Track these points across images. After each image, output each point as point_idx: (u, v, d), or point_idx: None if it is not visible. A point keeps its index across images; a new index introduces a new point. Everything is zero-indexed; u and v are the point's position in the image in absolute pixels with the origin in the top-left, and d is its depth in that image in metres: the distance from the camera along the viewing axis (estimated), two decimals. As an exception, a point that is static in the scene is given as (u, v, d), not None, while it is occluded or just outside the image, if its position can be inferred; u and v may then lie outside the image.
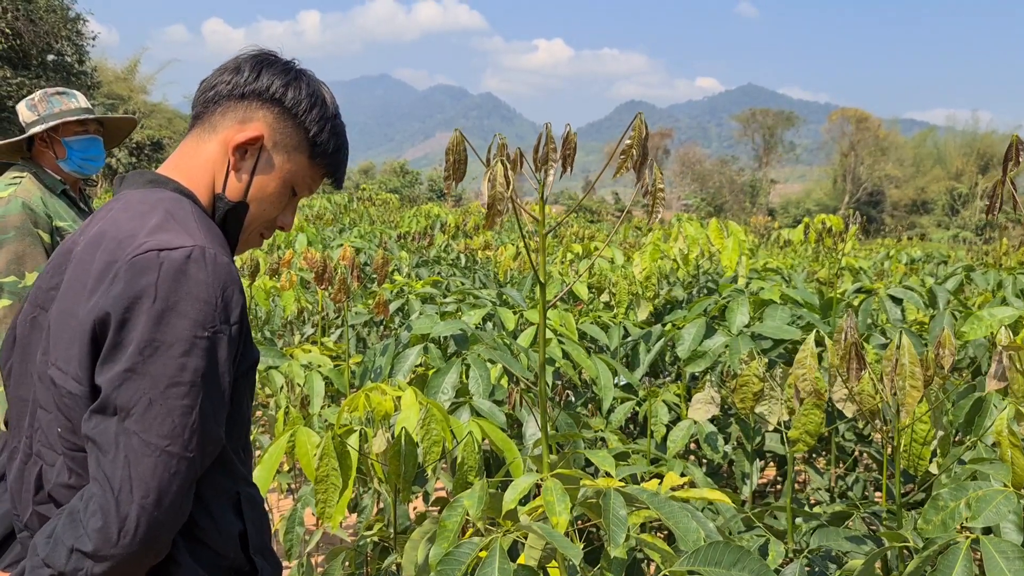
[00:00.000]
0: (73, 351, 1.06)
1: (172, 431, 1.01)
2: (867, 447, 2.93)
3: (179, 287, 1.04)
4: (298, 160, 1.27)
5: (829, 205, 52.52)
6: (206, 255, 1.07)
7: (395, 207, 13.85)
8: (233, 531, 1.16)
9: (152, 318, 1.02)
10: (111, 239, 1.10)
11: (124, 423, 1.00)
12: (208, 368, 1.04)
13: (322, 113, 1.28)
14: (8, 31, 24.32)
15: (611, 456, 1.50)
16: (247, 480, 1.22)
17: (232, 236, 1.27)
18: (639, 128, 1.43)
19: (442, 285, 4.37)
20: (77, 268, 1.12)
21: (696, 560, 1.24)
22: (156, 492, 1.00)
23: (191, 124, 1.28)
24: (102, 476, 1.00)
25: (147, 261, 1.04)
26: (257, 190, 1.25)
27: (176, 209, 1.14)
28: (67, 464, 1.09)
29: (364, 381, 2.80)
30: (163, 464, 1.00)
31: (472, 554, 1.25)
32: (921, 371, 1.50)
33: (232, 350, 1.08)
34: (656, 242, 3.88)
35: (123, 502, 0.98)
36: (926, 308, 3.01)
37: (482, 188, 1.39)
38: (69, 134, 2.79)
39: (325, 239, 7.21)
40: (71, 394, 1.06)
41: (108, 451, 1.00)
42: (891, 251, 7.20)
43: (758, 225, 11.33)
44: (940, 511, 1.23)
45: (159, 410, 1.01)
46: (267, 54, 1.28)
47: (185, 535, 1.10)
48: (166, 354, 1.02)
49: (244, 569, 1.18)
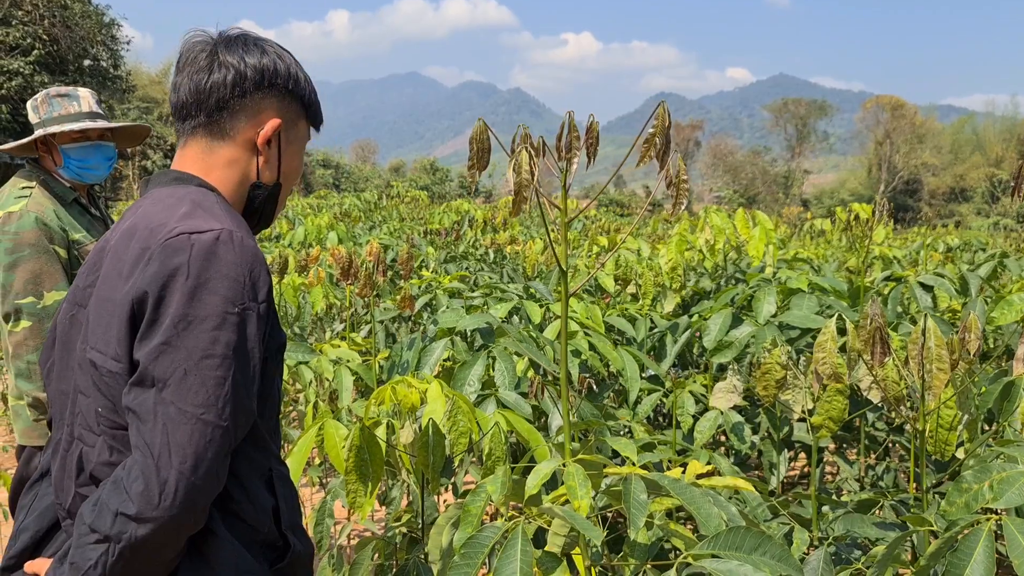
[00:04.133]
0: (112, 332, 1.12)
1: (207, 400, 1.07)
2: (899, 436, 2.90)
3: (210, 266, 1.10)
4: (301, 125, 1.36)
5: (864, 194, 51.71)
6: (233, 237, 1.14)
7: (425, 204, 13.91)
8: (267, 506, 1.21)
9: (185, 294, 1.08)
10: (144, 228, 1.17)
11: (161, 393, 1.06)
12: (239, 342, 1.10)
13: (302, 75, 1.34)
14: (45, 37, 24.88)
15: (632, 444, 1.51)
16: (278, 458, 1.28)
17: (270, 215, 1.37)
18: (662, 117, 1.44)
19: (470, 280, 4.40)
20: (112, 259, 1.18)
21: (717, 545, 1.25)
22: (193, 458, 1.05)
23: (189, 128, 1.29)
24: (142, 444, 1.06)
25: (179, 243, 1.11)
26: (286, 167, 1.35)
27: (202, 199, 1.21)
28: (107, 443, 1.14)
29: (392, 375, 2.83)
30: (199, 431, 1.06)
31: (495, 538, 1.27)
32: (948, 354, 1.49)
33: (261, 327, 1.14)
34: (683, 233, 3.87)
35: (163, 467, 1.04)
36: (958, 295, 2.97)
37: (508, 176, 1.41)
38: (67, 141, 2.63)
39: (355, 237, 7.28)
40: (111, 372, 1.12)
41: (147, 420, 1.06)
42: (927, 239, 7.09)
43: (791, 216, 11.21)
44: (963, 493, 1.22)
45: (194, 380, 1.06)
46: (226, 40, 1.29)
47: (220, 508, 1.15)
48: (199, 328, 1.08)
49: (277, 544, 1.23)
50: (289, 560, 1.24)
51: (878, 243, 5.09)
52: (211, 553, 1.14)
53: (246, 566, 1.16)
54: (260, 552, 1.20)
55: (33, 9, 24.78)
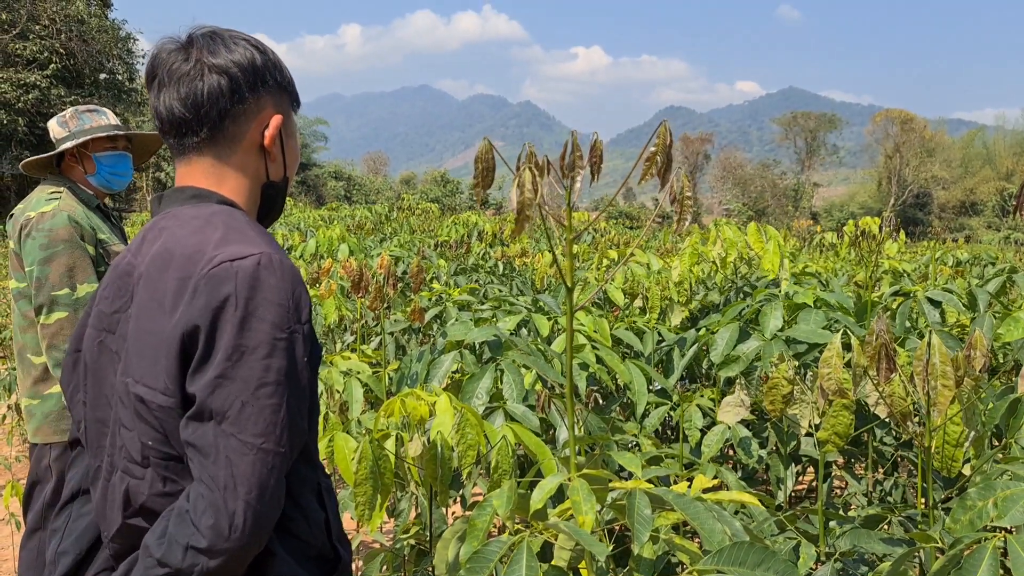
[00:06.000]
0: (160, 366, 1.12)
1: (265, 429, 1.08)
2: (907, 451, 2.90)
3: (256, 294, 1.11)
4: (292, 113, 1.36)
5: (874, 208, 51.53)
6: (273, 260, 1.14)
7: (435, 216, 13.96)
8: (319, 520, 1.23)
9: (235, 325, 1.09)
10: (180, 256, 1.16)
11: (221, 426, 1.07)
12: (289, 367, 1.11)
13: (282, 63, 1.33)
14: (62, 51, 25.16)
15: (636, 458, 1.52)
16: (323, 471, 1.30)
17: (280, 208, 1.38)
18: (663, 135, 1.46)
19: (479, 292, 4.41)
20: (147, 288, 1.17)
21: (721, 560, 1.26)
22: (258, 488, 1.07)
23: (192, 144, 1.26)
24: (207, 477, 1.07)
25: (223, 272, 1.11)
26: (290, 159, 1.36)
27: (231, 221, 1.21)
28: (159, 474, 1.15)
29: (401, 387, 2.85)
30: (260, 461, 1.07)
31: (501, 552, 1.28)
32: (952, 370, 1.49)
33: (307, 347, 1.15)
34: (694, 245, 3.88)
35: (229, 499, 1.05)
36: (967, 311, 2.96)
37: (511, 195, 1.42)
38: (99, 149, 2.87)
39: (366, 248, 7.32)
40: (161, 407, 1.12)
41: (209, 454, 1.07)
42: (936, 253, 7.06)
43: (801, 229, 11.17)
44: (968, 510, 1.22)
45: (251, 411, 1.08)
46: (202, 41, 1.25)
47: (277, 527, 1.17)
48: (251, 357, 1.09)
49: (329, 556, 1.25)
50: (339, 571, 1.26)
51: (890, 256, 5.08)
52: (268, 572, 1.15)
53: None
54: (315, 566, 1.22)
55: (50, 23, 25.08)
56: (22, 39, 24.62)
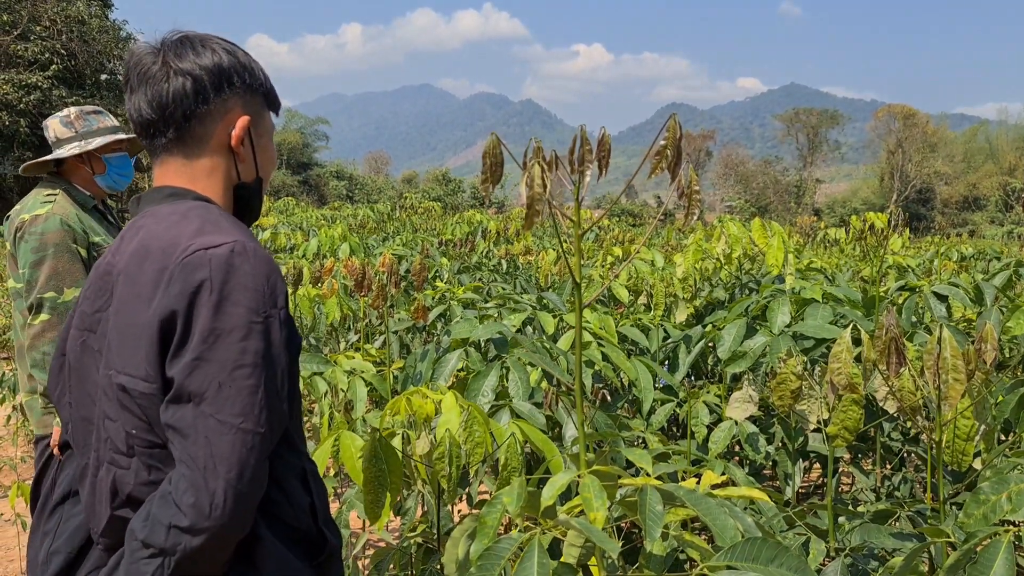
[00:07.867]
0: (140, 353, 1.13)
1: (244, 409, 1.09)
2: (914, 446, 2.89)
3: (230, 279, 1.12)
4: (265, 114, 1.36)
5: (876, 203, 51.46)
6: (247, 248, 1.16)
7: (438, 215, 13.95)
8: (304, 504, 1.24)
9: (211, 309, 1.11)
10: (156, 249, 1.18)
11: (199, 407, 1.09)
12: (266, 349, 1.13)
13: (255, 65, 1.33)
14: (63, 52, 25.16)
15: (646, 454, 1.51)
16: (308, 456, 1.31)
17: (258, 209, 1.39)
18: (673, 129, 1.45)
19: (483, 291, 4.40)
20: (127, 284, 1.19)
21: (733, 556, 1.25)
22: (238, 466, 1.08)
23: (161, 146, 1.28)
24: (187, 457, 1.08)
25: (197, 259, 1.13)
26: (262, 160, 1.36)
27: (206, 214, 1.22)
28: (144, 462, 1.16)
29: (406, 386, 2.84)
30: (240, 440, 1.08)
31: (511, 549, 1.27)
32: (963, 364, 1.48)
33: (284, 332, 1.17)
34: (699, 242, 3.87)
35: (210, 478, 1.06)
36: (973, 305, 2.95)
37: (520, 190, 1.42)
38: (108, 151, 2.90)
39: (368, 247, 7.31)
40: (143, 394, 1.13)
41: (189, 435, 1.08)
42: (940, 248, 7.04)
43: (804, 225, 11.12)
44: (981, 505, 1.22)
45: (229, 392, 1.09)
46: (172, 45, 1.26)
47: (262, 512, 1.18)
48: (227, 340, 1.10)
49: (315, 540, 1.26)
50: (326, 554, 1.27)
51: (894, 252, 5.07)
52: (257, 557, 1.17)
53: (290, 566, 1.19)
54: (302, 550, 1.23)
55: (51, 24, 25.08)
56: (23, 40, 24.63)
